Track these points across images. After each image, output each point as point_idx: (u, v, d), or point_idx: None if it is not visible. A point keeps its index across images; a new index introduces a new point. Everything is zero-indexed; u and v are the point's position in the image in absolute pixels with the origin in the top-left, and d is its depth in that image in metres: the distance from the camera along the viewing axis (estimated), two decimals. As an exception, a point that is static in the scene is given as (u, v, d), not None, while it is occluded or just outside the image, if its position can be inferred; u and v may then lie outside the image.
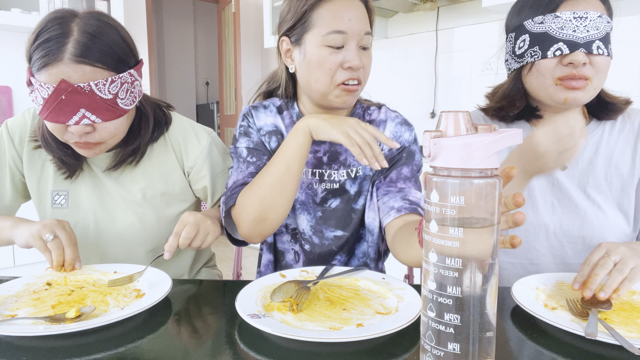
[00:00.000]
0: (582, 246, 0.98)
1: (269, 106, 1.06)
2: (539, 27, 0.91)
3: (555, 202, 0.99)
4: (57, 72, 0.82)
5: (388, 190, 1.02)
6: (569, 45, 0.88)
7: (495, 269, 0.49)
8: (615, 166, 0.98)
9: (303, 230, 1.05)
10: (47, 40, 0.83)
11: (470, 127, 0.49)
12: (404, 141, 1.04)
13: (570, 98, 0.90)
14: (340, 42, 0.91)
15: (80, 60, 0.83)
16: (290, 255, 1.09)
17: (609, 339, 0.61)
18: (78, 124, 0.86)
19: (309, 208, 1.04)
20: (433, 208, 0.49)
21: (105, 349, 0.63)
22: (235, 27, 4.17)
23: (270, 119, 1.04)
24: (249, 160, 1.01)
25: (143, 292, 0.81)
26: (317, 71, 0.93)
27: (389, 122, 1.05)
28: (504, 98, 1.01)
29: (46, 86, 0.82)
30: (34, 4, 2.79)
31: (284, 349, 0.63)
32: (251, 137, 1.03)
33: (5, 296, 0.79)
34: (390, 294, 0.79)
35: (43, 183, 1.04)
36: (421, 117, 3.04)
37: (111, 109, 0.87)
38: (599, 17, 0.87)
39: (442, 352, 0.49)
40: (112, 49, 0.86)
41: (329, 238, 1.05)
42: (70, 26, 0.84)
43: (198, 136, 1.08)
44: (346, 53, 0.91)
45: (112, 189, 1.04)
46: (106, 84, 0.85)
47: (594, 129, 1.01)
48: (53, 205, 1.03)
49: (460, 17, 2.81)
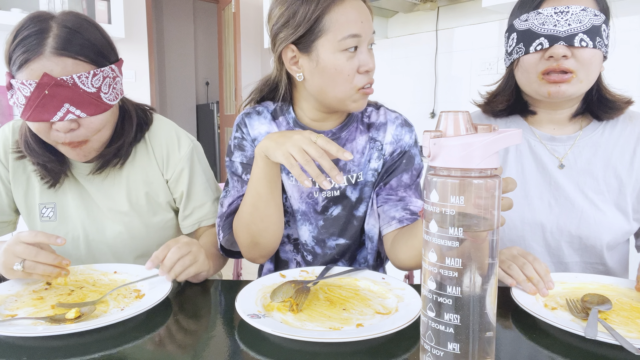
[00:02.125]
0: (579, 245, 0.98)
1: (263, 112, 1.03)
2: (524, 25, 0.94)
3: (552, 201, 0.99)
4: (39, 67, 0.81)
5: (388, 198, 1.00)
6: (549, 39, 0.90)
7: (495, 269, 0.49)
8: (613, 168, 0.98)
9: (305, 242, 1.04)
10: (27, 37, 0.82)
11: (470, 127, 0.49)
12: (405, 145, 1.02)
13: (553, 91, 0.91)
14: (356, 45, 0.89)
15: (61, 53, 0.82)
16: (293, 265, 1.08)
17: (609, 339, 0.61)
18: (63, 120, 0.83)
19: (310, 218, 1.03)
20: (433, 208, 0.49)
21: (105, 349, 0.63)
22: (235, 27, 4.17)
23: (265, 127, 1.01)
24: (244, 179, 1.00)
25: (143, 292, 0.81)
26: (337, 78, 0.89)
27: (389, 125, 1.03)
28: (494, 94, 1.05)
29: (28, 83, 0.81)
30: (34, 4, 2.79)
31: (284, 349, 0.63)
32: (245, 151, 1.01)
33: (5, 296, 0.79)
34: (390, 294, 0.79)
35: (30, 196, 1.02)
36: (421, 117, 3.04)
37: (95, 102, 0.86)
38: (582, 11, 0.88)
39: (442, 352, 0.49)
40: (92, 42, 0.86)
41: (331, 247, 1.04)
42: (49, 23, 0.84)
43: (180, 142, 1.06)
44: (360, 56, 0.89)
45: (98, 199, 1.02)
46: (89, 77, 0.84)
47: (594, 129, 1.01)
48: (41, 218, 1.02)
49: (460, 17, 2.81)
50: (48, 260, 0.80)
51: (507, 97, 1.02)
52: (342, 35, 0.87)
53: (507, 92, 1.02)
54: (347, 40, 0.87)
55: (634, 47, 2.20)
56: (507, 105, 1.03)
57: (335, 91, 0.91)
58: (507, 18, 1.04)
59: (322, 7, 0.87)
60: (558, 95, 0.92)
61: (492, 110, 1.06)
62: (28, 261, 0.79)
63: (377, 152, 1.02)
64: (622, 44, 2.20)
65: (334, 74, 0.89)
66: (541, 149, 1.01)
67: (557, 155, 1.01)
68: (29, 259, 0.79)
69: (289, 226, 1.05)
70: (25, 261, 0.79)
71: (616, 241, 0.98)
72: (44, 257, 0.80)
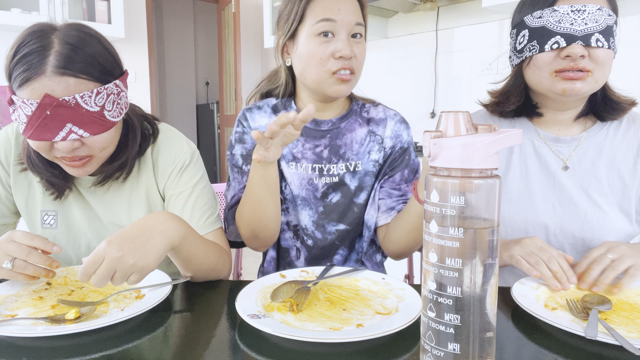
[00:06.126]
0: (583, 247, 0.98)
1: (263, 107, 1.07)
2: (538, 22, 0.92)
3: (556, 203, 0.99)
4: (40, 87, 0.77)
5: (391, 192, 1.06)
6: (566, 38, 0.88)
7: (495, 269, 0.49)
8: (617, 169, 0.98)
9: (305, 226, 1.07)
10: (27, 54, 0.78)
11: (470, 127, 0.49)
12: (404, 142, 1.08)
13: (568, 89, 0.90)
14: (328, 30, 0.93)
15: (63, 72, 0.78)
16: (293, 252, 1.10)
17: (609, 339, 0.61)
18: (65, 140, 0.80)
19: (310, 203, 1.06)
20: (433, 208, 0.49)
21: (105, 349, 0.63)
22: (235, 27, 4.17)
23: (265, 120, 1.06)
24: (244, 170, 1.04)
25: (143, 292, 0.80)
26: (310, 61, 0.95)
27: (388, 120, 1.08)
28: (503, 94, 1.03)
29: (29, 102, 0.78)
30: (34, 4, 2.79)
31: (284, 349, 0.63)
32: (246, 144, 1.05)
33: (5, 296, 0.79)
34: (390, 294, 0.79)
35: (31, 202, 1.00)
36: (421, 117, 3.04)
37: (99, 121, 0.83)
38: (598, 10, 0.87)
39: (442, 352, 0.49)
40: (95, 59, 0.82)
41: (331, 232, 1.07)
42: (51, 39, 0.80)
43: (182, 150, 1.01)
44: (337, 43, 0.94)
45: (99, 211, 1.00)
46: (92, 96, 0.81)
47: (598, 131, 1.00)
48: (43, 225, 1.00)
49: (460, 17, 2.81)
50: (40, 262, 0.78)
51: (518, 96, 1.01)
52: (316, 19, 0.94)
53: (518, 91, 1.00)
54: (320, 24, 0.93)
55: (635, 47, 2.20)
56: (517, 105, 1.01)
57: (312, 74, 0.96)
58: (507, 18, 1.04)
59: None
60: (573, 93, 0.90)
61: (501, 111, 1.04)
62: (18, 260, 0.77)
63: (378, 145, 1.07)
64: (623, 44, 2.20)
65: (307, 58, 0.95)
66: (545, 150, 1.01)
67: (561, 156, 1.00)
68: (20, 258, 0.77)
69: (288, 213, 1.07)
70: (16, 260, 0.77)
71: (621, 242, 0.98)
72: (35, 258, 0.78)
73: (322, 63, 0.94)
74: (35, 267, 0.79)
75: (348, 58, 0.94)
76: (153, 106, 3.81)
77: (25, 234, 0.79)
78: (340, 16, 0.93)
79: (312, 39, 0.94)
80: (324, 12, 0.93)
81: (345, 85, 0.96)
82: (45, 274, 0.81)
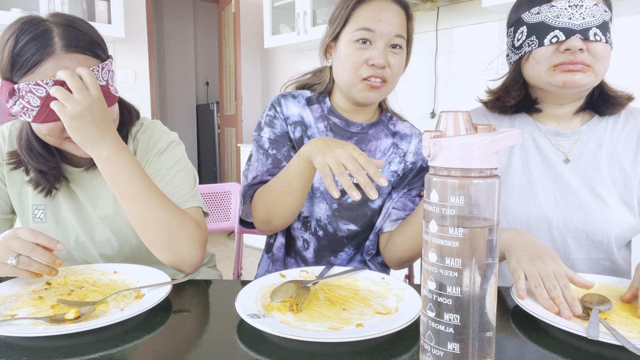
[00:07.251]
0: (586, 241, 0.98)
1: (298, 97, 1.10)
2: (536, 18, 0.93)
3: (558, 196, 0.99)
4: (52, 67, 0.82)
5: (406, 204, 1.09)
6: (565, 32, 0.89)
7: (495, 268, 0.49)
8: (617, 161, 0.99)
9: (319, 218, 1.09)
10: (31, 39, 0.82)
11: (470, 127, 0.49)
12: (425, 160, 1.11)
13: (569, 80, 0.91)
14: (367, 38, 0.97)
15: (72, 50, 0.83)
16: (300, 242, 1.11)
17: (610, 339, 0.61)
18: None
19: (327, 199, 1.08)
20: (433, 208, 0.49)
21: (105, 349, 0.63)
22: (235, 27, 4.17)
23: (298, 110, 1.09)
24: (269, 153, 1.06)
25: (143, 292, 0.80)
26: (345, 64, 0.99)
27: (413, 138, 1.12)
28: (503, 89, 1.04)
29: (44, 82, 0.81)
30: (34, 4, 2.79)
31: (284, 349, 0.63)
32: (275, 129, 1.08)
33: (5, 296, 0.79)
34: (390, 294, 0.79)
35: (24, 197, 1.01)
36: (421, 117, 3.04)
37: (108, 94, 0.88)
38: (594, 6, 0.89)
39: (441, 352, 0.49)
40: (92, 37, 0.88)
41: (342, 230, 1.09)
42: (47, 24, 0.84)
43: (157, 138, 1.03)
44: (372, 51, 0.97)
45: (87, 204, 1.01)
46: (100, 71, 0.86)
47: (597, 124, 1.01)
48: (34, 219, 1.01)
49: (460, 17, 2.81)
50: (43, 259, 0.79)
51: (519, 90, 1.02)
52: (356, 27, 0.98)
53: (517, 85, 1.01)
54: (358, 32, 0.97)
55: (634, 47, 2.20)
56: (517, 100, 1.02)
57: (344, 77, 1.00)
58: (507, 18, 1.04)
59: (352, 4, 0.99)
60: (573, 85, 0.91)
61: (501, 106, 1.05)
62: (23, 257, 0.78)
63: (399, 158, 1.10)
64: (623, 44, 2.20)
65: (344, 61, 1.00)
66: (546, 144, 1.02)
67: (562, 150, 1.01)
68: (24, 255, 0.78)
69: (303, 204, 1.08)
70: (20, 256, 0.78)
71: (622, 236, 0.98)
72: (39, 255, 0.79)
73: (355, 68, 0.98)
74: (39, 264, 0.80)
75: (380, 67, 0.97)
76: (153, 106, 3.81)
77: (30, 231, 0.79)
78: (379, 27, 0.96)
79: (351, 44, 0.98)
80: (365, 22, 0.97)
81: (374, 92, 0.99)
82: (48, 272, 0.81)
